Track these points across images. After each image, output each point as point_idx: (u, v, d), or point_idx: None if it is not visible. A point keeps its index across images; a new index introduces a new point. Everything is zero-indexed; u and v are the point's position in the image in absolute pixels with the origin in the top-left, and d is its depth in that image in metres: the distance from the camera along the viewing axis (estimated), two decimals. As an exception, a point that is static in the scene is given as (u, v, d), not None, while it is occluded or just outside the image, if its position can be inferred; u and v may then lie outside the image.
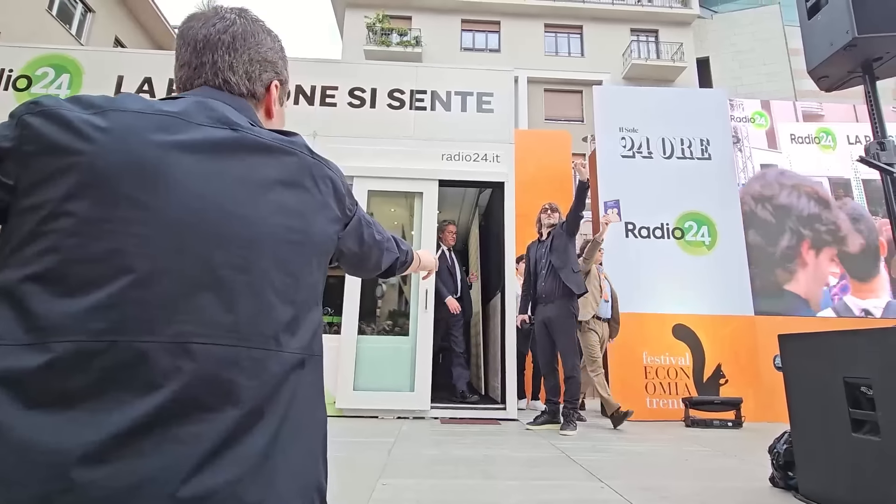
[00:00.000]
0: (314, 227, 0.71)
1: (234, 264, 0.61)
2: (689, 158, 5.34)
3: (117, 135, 0.59)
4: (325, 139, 4.82)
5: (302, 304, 0.67)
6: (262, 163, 0.68)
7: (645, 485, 2.28)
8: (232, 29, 0.78)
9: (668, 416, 4.61)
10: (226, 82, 0.76)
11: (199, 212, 0.60)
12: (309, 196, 0.71)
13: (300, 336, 0.66)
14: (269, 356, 0.62)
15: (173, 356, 0.55)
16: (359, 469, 2.44)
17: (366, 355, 4.40)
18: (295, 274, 0.67)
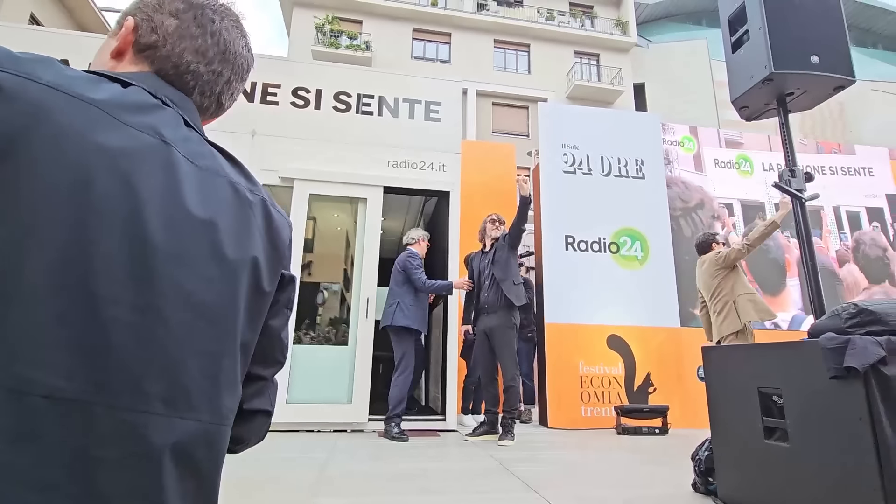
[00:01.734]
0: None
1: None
2: (626, 177, 5.62)
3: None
4: (265, 139, 4.61)
5: None
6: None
7: (578, 494, 2.31)
8: (250, 54, 0.71)
9: (601, 424, 4.77)
10: (219, 106, 0.70)
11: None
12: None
13: None
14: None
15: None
16: (287, 489, 2.29)
17: (301, 365, 4.21)
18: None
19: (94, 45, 4.86)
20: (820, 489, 1.73)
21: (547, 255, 5.21)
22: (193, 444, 0.50)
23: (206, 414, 0.52)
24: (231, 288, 0.56)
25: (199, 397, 0.51)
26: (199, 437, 0.51)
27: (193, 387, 0.51)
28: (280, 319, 0.68)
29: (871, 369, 1.58)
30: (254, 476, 2.53)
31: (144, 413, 0.46)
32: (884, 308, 1.72)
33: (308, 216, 4.69)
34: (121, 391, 0.45)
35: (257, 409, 0.67)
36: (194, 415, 0.50)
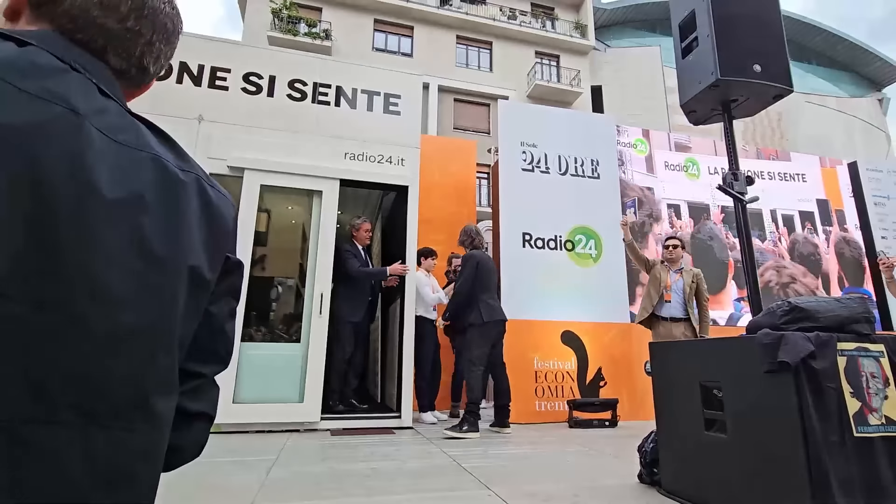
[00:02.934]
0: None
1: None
2: (582, 176, 5.74)
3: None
4: (213, 125, 4.38)
5: None
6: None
7: (529, 490, 2.33)
8: (176, 14, 0.64)
9: (554, 417, 4.87)
10: (143, 70, 0.61)
11: None
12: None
13: None
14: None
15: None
16: (229, 494, 2.18)
17: (250, 363, 4.04)
18: None
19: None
20: (754, 479, 1.82)
21: (504, 252, 5.25)
22: (123, 456, 0.45)
23: (136, 422, 0.46)
24: (162, 279, 0.50)
25: (125, 402, 0.45)
26: (129, 447, 0.45)
27: (116, 391, 0.45)
28: (222, 308, 0.61)
29: (801, 363, 1.67)
30: (194, 481, 2.40)
31: (50, 424, 0.40)
32: (814, 306, 1.83)
33: (261, 208, 4.50)
34: (17, 400, 0.39)
35: (196, 412, 0.59)
36: (121, 423, 0.45)
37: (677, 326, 4.29)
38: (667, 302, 4.34)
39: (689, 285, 4.35)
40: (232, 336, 0.64)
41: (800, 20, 30.03)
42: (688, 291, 4.34)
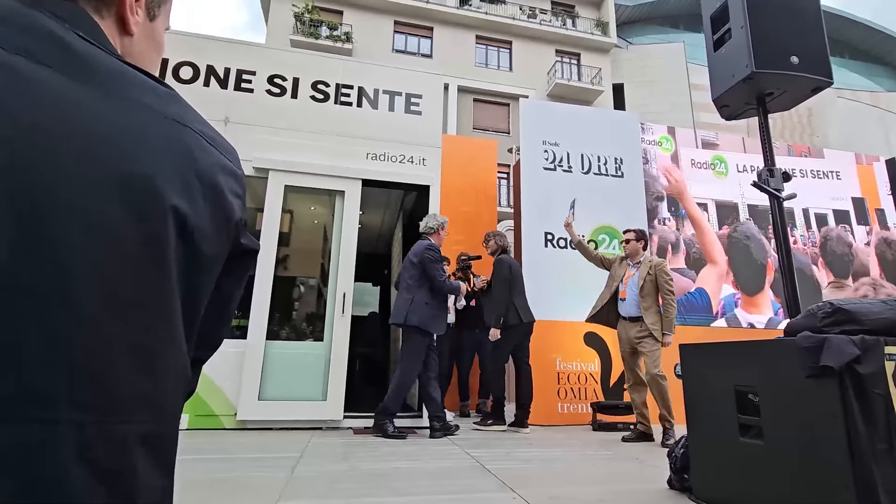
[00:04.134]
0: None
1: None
2: (605, 175, 5.64)
3: None
4: (239, 126, 4.45)
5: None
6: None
7: (553, 493, 2.29)
8: None
9: (577, 420, 4.79)
10: None
11: None
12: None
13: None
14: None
15: None
16: (256, 490, 2.20)
17: (275, 362, 4.09)
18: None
19: None
20: (794, 486, 1.74)
21: (526, 252, 5.20)
22: (129, 452, 0.41)
23: (143, 413, 0.42)
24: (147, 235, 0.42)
25: (129, 393, 0.41)
26: (138, 443, 0.41)
27: (114, 380, 0.40)
28: (237, 293, 0.58)
29: (845, 368, 1.59)
30: (221, 477, 2.43)
31: (44, 423, 0.35)
32: (858, 308, 1.74)
33: (284, 209, 4.55)
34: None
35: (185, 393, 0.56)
36: (123, 417, 0.40)
37: (632, 326, 3.95)
38: (622, 300, 4.06)
39: (644, 278, 3.92)
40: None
41: (832, 13, 29.05)
42: (643, 285, 3.91)
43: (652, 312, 3.89)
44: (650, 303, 3.90)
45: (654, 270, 3.95)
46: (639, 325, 3.91)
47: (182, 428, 3.72)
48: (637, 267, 4.05)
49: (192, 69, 4.51)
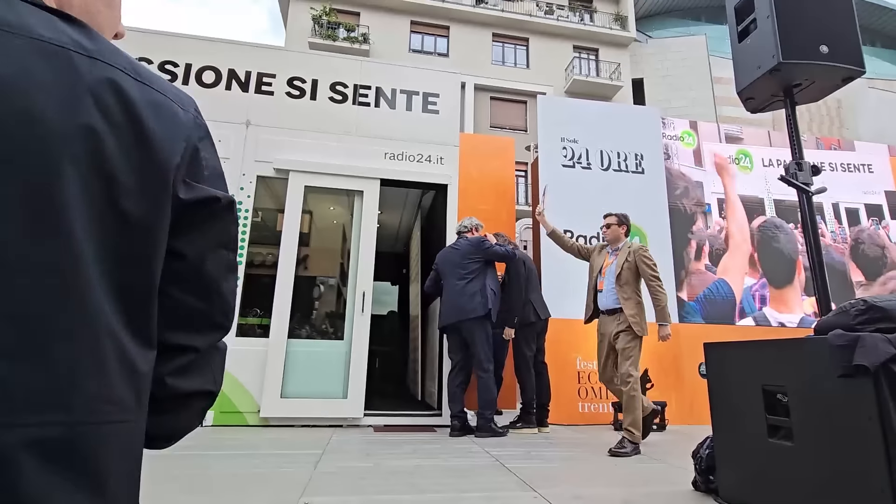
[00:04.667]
0: None
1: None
2: (625, 171, 5.56)
3: None
4: (260, 129, 4.52)
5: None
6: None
7: (575, 493, 2.27)
8: None
9: (598, 419, 4.74)
10: None
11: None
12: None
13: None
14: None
15: None
16: (279, 486, 2.24)
17: (296, 360, 4.15)
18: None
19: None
20: (825, 489, 1.69)
21: (545, 250, 5.16)
22: (39, 457, 0.33)
23: (57, 412, 0.34)
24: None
25: (28, 391, 0.33)
26: (23, 450, 0.33)
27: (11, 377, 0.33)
28: (210, 258, 0.47)
29: (881, 367, 1.53)
30: (247, 472, 2.48)
31: None
32: (893, 305, 1.68)
33: (304, 209, 4.61)
34: None
35: (193, 392, 0.48)
36: (23, 418, 0.33)
37: (611, 320, 3.52)
38: (599, 291, 3.64)
39: (622, 265, 3.50)
40: (232, 298, 0.51)
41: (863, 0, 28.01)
42: (620, 273, 3.49)
43: (631, 303, 3.43)
44: (629, 293, 3.45)
45: (634, 256, 3.51)
46: (617, 318, 3.47)
47: (207, 424, 3.81)
48: (616, 254, 3.62)
49: (214, 73, 4.61)
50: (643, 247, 3.61)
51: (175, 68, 4.57)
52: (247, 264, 4.29)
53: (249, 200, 4.37)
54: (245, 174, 4.41)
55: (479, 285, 3.97)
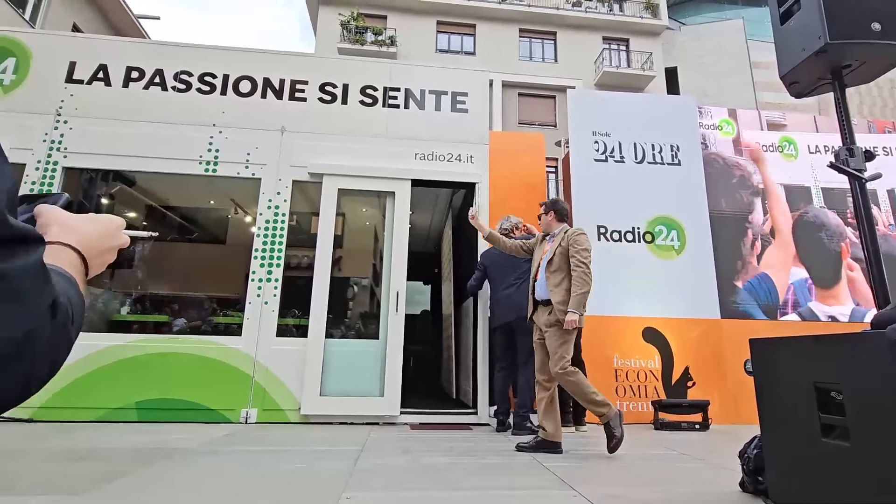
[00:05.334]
0: None
1: None
2: (660, 164, 5.41)
3: None
4: (294, 135, 4.65)
5: None
6: None
7: (614, 492, 2.23)
8: None
9: (637, 418, 4.63)
10: None
11: None
12: None
13: None
14: None
15: None
16: (322, 481, 2.30)
17: (334, 359, 4.25)
18: None
19: (131, 48, 4.96)
20: (884, 493, 1.60)
21: (578, 247, 5.08)
22: None
23: None
24: None
25: None
26: None
27: None
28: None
29: (947, 363, 1.44)
30: (290, 468, 2.56)
31: None
32: (960, 296, 1.57)
33: (337, 212, 4.71)
34: None
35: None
36: None
37: (544, 311, 3.25)
38: (535, 281, 3.37)
39: (555, 251, 3.26)
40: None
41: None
42: (552, 259, 3.25)
43: (560, 290, 3.15)
44: (559, 279, 3.19)
45: (567, 241, 3.25)
46: (549, 308, 3.22)
47: (252, 421, 3.96)
48: (553, 241, 3.38)
49: (250, 83, 4.77)
50: (579, 230, 3.34)
51: (214, 80, 4.75)
52: (284, 266, 4.42)
53: (286, 205, 4.50)
54: (281, 179, 4.54)
55: (522, 285, 3.99)
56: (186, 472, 2.43)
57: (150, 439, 3.24)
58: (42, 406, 3.88)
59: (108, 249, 0.59)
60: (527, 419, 3.81)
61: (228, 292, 5.26)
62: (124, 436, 3.36)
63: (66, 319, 0.42)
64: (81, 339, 4.17)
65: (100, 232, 0.57)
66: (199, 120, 4.63)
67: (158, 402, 4.00)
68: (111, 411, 3.95)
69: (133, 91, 4.68)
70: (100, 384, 3.97)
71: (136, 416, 3.96)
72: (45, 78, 4.62)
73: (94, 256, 0.55)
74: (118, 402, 3.97)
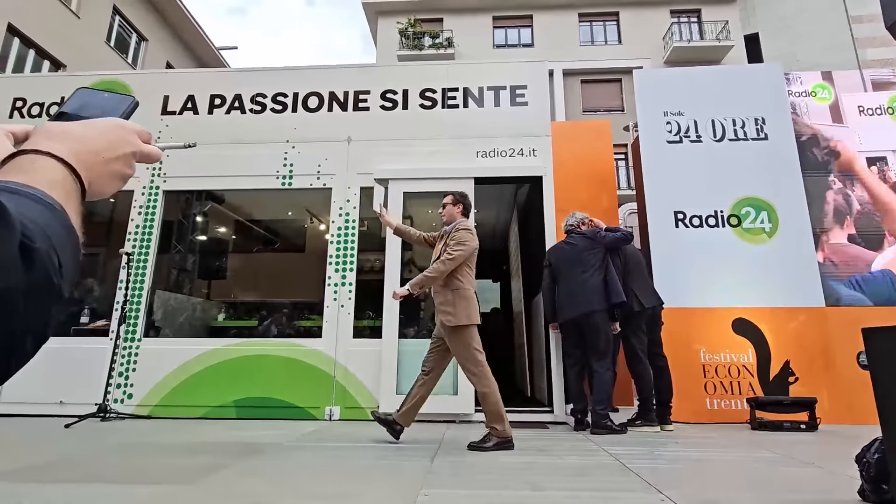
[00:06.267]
0: None
1: None
2: (743, 140, 4.96)
3: None
4: (359, 143, 4.84)
5: None
6: None
7: (710, 497, 2.07)
8: None
9: (731, 417, 4.29)
10: None
11: None
12: None
13: None
14: None
15: None
16: (400, 477, 2.37)
17: (408, 359, 4.35)
18: None
19: (213, 78, 5.41)
20: None
21: (655, 235, 4.80)
22: None
23: None
24: None
25: None
26: None
27: None
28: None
29: None
30: (369, 464, 2.66)
31: None
32: None
33: (405, 216, 4.83)
34: None
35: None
36: None
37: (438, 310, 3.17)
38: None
39: (443, 245, 3.17)
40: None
41: None
42: (439, 257, 3.14)
43: (445, 292, 3.08)
44: (443, 280, 3.12)
45: (450, 236, 3.15)
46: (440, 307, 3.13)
47: (335, 419, 4.17)
48: (445, 237, 3.27)
49: (318, 98, 5.03)
50: (464, 223, 3.24)
51: (285, 98, 5.07)
52: (357, 270, 4.61)
53: (356, 211, 4.69)
54: (350, 187, 4.74)
55: (599, 279, 3.88)
56: (279, 464, 2.61)
57: (247, 435, 3.52)
58: (157, 404, 4.37)
59: (117, 158, 0.45)
60: (606, 417, 3.67)
61: (309, 297, 5.58)
62: (225, 431, 3.69)
63: (47, 268, 0.31)
64: (188, 343, 4.64)
65: (101, 137, 0.44)
66: (275, 138, 4.96)
67: (253, 401, 4.35)
68: (213, 409, 4.35)
69: (217, 116, 5.11)
70: (203, 385, 4.39)
71: (234, 413, 4.33)
72: (145, 112, 5.19)
73: (93, 168, 0.42)
74: (219, 400, 4.36)
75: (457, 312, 3.05)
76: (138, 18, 15.33)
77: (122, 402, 4.39)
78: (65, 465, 2.59)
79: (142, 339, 4.58)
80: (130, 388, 4.45)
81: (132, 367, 4.50)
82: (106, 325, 4.71)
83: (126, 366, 4.50)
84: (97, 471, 2.50)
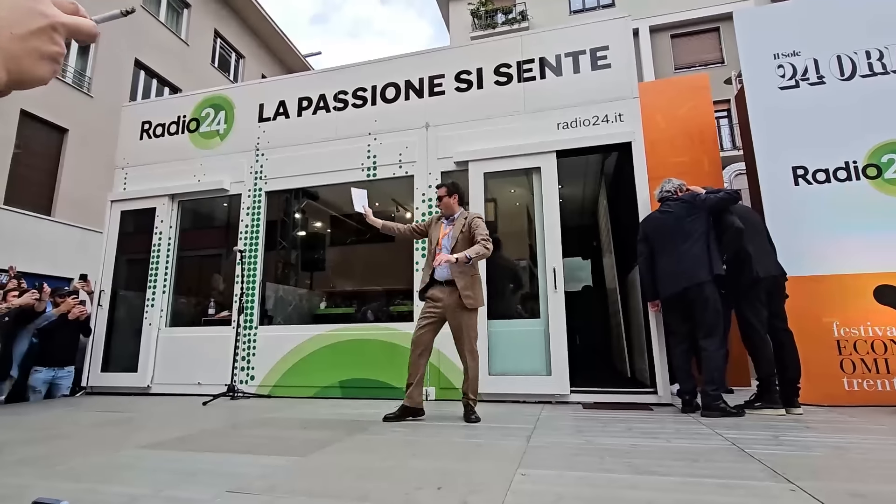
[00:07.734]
0: None
1: None
2: (882, 74, 4.17)
3: None
4: (437, 128, 4.86)
5: None
6: None
7: (854, 489, 1.80)
8: None
9: (876, 399, 3.71)
10: None
11: None
12: None
13: None
14: None
15: None
16: (498, 456, 2.37)
17: (498, 339, 4.35)
18: None
19: (299, 82, 5.74)
20: None
21: (769, 196, 4.25)
22: None
23: None
24: None
25: None
26: None
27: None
28: None
29: None
30: (467, 442, 2.71)
31: None
32: None
33: (487, 198, 4.78)
34: None
35: None
36: None
37: (448, 292, 3.38)
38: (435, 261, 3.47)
39: (457, 237, 3.45)
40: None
41: None
42: (455, 245, 3.41)
43: (465, 276, 3.36)
44: (463, 265, 3.34)
45: (470, 223, 3.46)
46: (453, 290, 3.38)
47: (431, 399, 4.31)
48: (452, 224, 3.55)
49: (395, 88, 5.13)
50: (477, 214, 3.55)
51: (364, 93, 5.25)
52: (443, 255, 4.66)
53: (437, 197, 4.73)
54: (431, 173, 4.80)
55: (702, 247, 3.53)
56: (381, 440, 2.76)
57: (352, 412, 3.77)
58: (276, 385, 4.85)
59: (31, 34, 0.39)
60: (719, 398, 3.35)
61: (400, 284, 5.78)
62: (334, 409, 3.99)
63: None
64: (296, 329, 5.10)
65: (2, 12, 0.38)
66: (358, 131, 5.17)
67: (356, 381, 4.64)
68: (322, 389, 4.72)
69: (305, 118, 5.45)
70: (312, 367, 4.79)
71: (339, 392, 4.67)
72: (245, 121, 5.68)
73: (6, 50, 0.37)
74: (327, 381, 4.72)
75: (475, 295, 3.40)
76: (235, 38, 16.88)
77: (246, 383, 4.93)
78: (204, 437, 2.97)
79: (258, 327, 5.09)
80: (252, 371, 4.97)
81: (252, 352, 5.03)
82: (228, 315, 5.30)
83: (247, 351, 5.04)
84: (230, 442, 2.83)
